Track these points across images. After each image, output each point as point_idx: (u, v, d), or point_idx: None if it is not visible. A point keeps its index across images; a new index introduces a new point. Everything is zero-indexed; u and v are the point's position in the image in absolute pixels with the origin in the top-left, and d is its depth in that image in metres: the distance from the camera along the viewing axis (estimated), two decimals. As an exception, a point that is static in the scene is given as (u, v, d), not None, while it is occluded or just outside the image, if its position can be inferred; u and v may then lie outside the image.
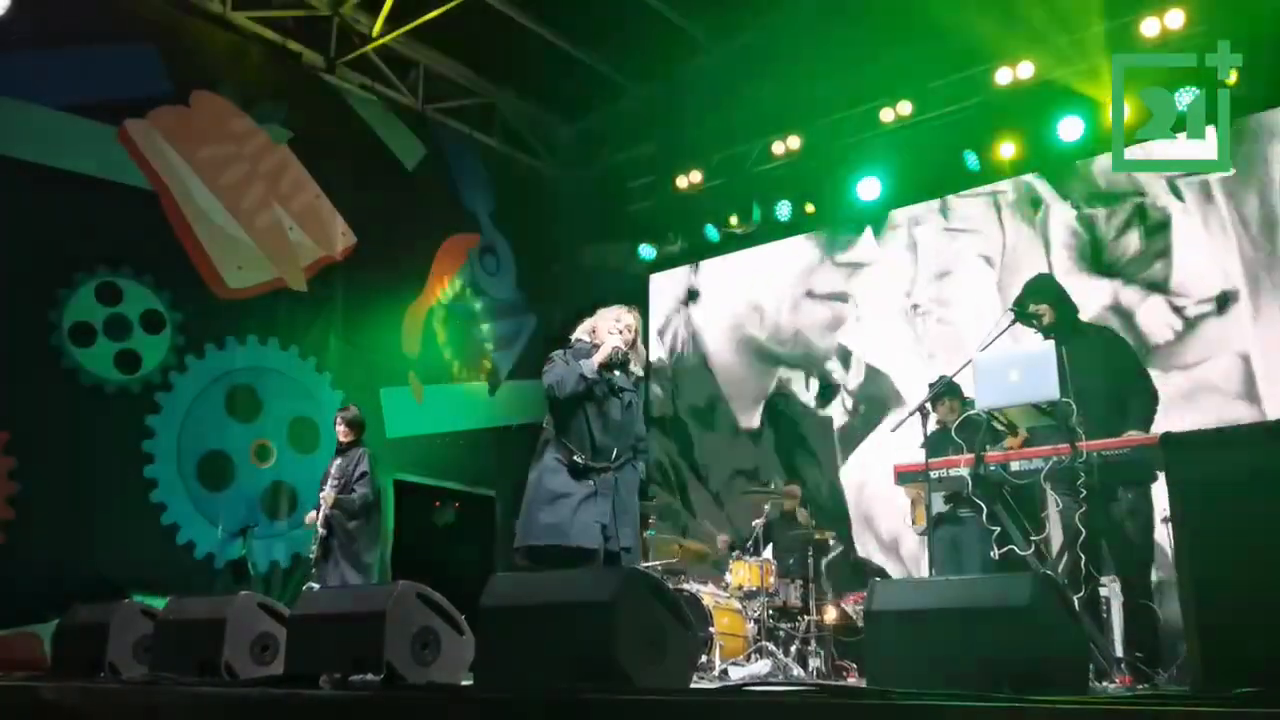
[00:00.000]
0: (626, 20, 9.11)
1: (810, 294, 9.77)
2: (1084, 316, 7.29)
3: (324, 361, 8.86)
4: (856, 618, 6.97)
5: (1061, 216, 8.34)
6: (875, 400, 9.10)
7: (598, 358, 4.50)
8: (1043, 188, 8.47)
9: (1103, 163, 8.07)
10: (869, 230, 9.44)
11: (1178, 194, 7.76)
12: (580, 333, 4.76)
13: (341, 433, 7.33)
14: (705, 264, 10.58)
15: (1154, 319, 7.72)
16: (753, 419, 9.95)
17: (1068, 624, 2.86)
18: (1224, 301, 7.45)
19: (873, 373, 9.18)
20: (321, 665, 3.39)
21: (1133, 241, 7.95)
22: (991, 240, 8.67)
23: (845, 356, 9.38)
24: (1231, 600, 2.24)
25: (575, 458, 4.44)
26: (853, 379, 9.32)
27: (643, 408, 4.82)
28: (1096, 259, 8.08)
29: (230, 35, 8.54)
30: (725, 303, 10.37)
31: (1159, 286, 7.75)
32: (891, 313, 9.17)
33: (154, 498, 7.65)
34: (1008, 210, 8.63)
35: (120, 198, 7.74)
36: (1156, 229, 7.84)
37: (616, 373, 4.58)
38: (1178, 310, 7.64)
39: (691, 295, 10.68)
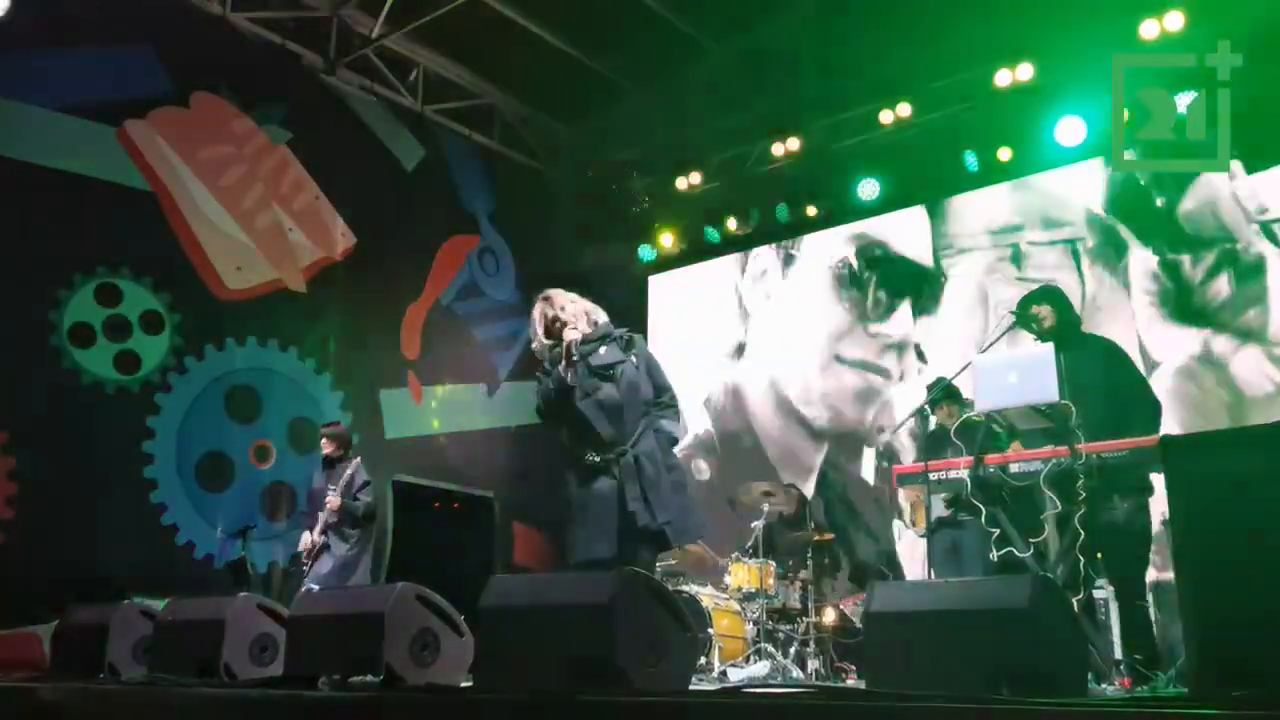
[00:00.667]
0: (626, 22, 9.12)
1: (861, 362, 9.38)
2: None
3: (323, 362, 8.86)
4: (855, 620, 6.98)
5: (1144, 263, 7.90)
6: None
7: (563, 365, 4.43)
8: (1124, 232, 8.04)
9: (1187, 206, 7.70)
10: (939, 280, 9.01)
11: (1273, 238, 7.34)
12: (539, 348, 4.65)
13: (329, 448, 7.33)
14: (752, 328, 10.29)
15: (1250, 370, 7.25)
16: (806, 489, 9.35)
17: (1066, 626, 2.86)
18: None
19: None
20: (321, 666, 3.40)
21: (1223, 288, 7.50)
22: (1070, 290, 7.83)
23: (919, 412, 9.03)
24: (1230, 603, 2.25)
25: (588, 458, 4.37)
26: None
27: (648, 360, 4.57)
28: (1183, 307, 7.64)
29: (230, 36, 8.53)
30: (770, 365, 10.02)
31: (1255, 335, 7.28)
32: (960, 364, 8.74)
33: (153, 498, 7.65)
34: (1087, 258, 8.15)
35: (120, 199, 7.74)
36: (1249, 274, 7.38)
37: (601, 350, 4.48)
38: (1278, 361, 7.18)
39: (739, 350, 10.35)
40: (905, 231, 9.32)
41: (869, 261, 9.55)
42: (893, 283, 9.36)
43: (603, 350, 4.49)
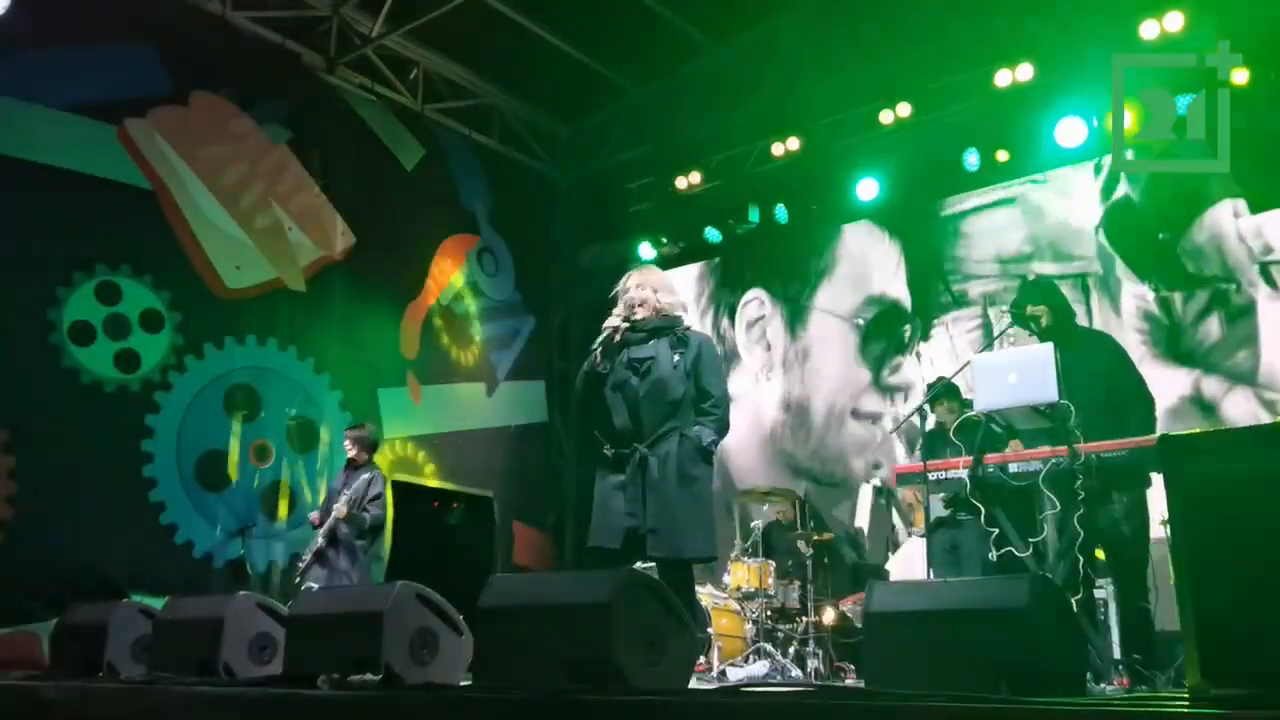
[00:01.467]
0: (625, 21, 9.11)
1: (875, 414, 9.26)
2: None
3: (323, 362, 8.86)
4: (854, 619, 6.98)
5: (1137, 301, 7.86)
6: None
7: (596, 348, 4.33)
8: (1120, 267, 7.99)
9: (1190, 242, 7.64)
10: (946, 316, 8.93)
11: (1270, 279, 7.32)
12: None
13: (352, 451, 7.29)
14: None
15: (1240, 412, 7.24)
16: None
17: (1065, 626, 2.86)
18: None
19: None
20: (320, 665, 3.40)
21: (1213, 329, 7.50)
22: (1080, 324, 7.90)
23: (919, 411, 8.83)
24: (1229, 603, 2.24)
25: (605, 450, 4.28)
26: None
27: (695, 361, 4.32)
28: (1174, 347, 7.61)
29: (230, 35, 8.52)
30: (771, 417, 9.91)
31: (1244, 378, 7.28)
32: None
33: (153, 497, 7.65)
34: (1096, 292, 8.07)
35: (119, 197, 7.73)
36: (1240, 316, 7.40)
37: (649, 343, 4.34)
38: (1268, 404, 7.16)
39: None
40: (913, 277, 9.24)
41: (882, 314, 9.38)
42: (901, 331, 9.21)
43: (650, 343, 4.35)
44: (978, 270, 8.81)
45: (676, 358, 4.30)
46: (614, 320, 4.36)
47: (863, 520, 9.02)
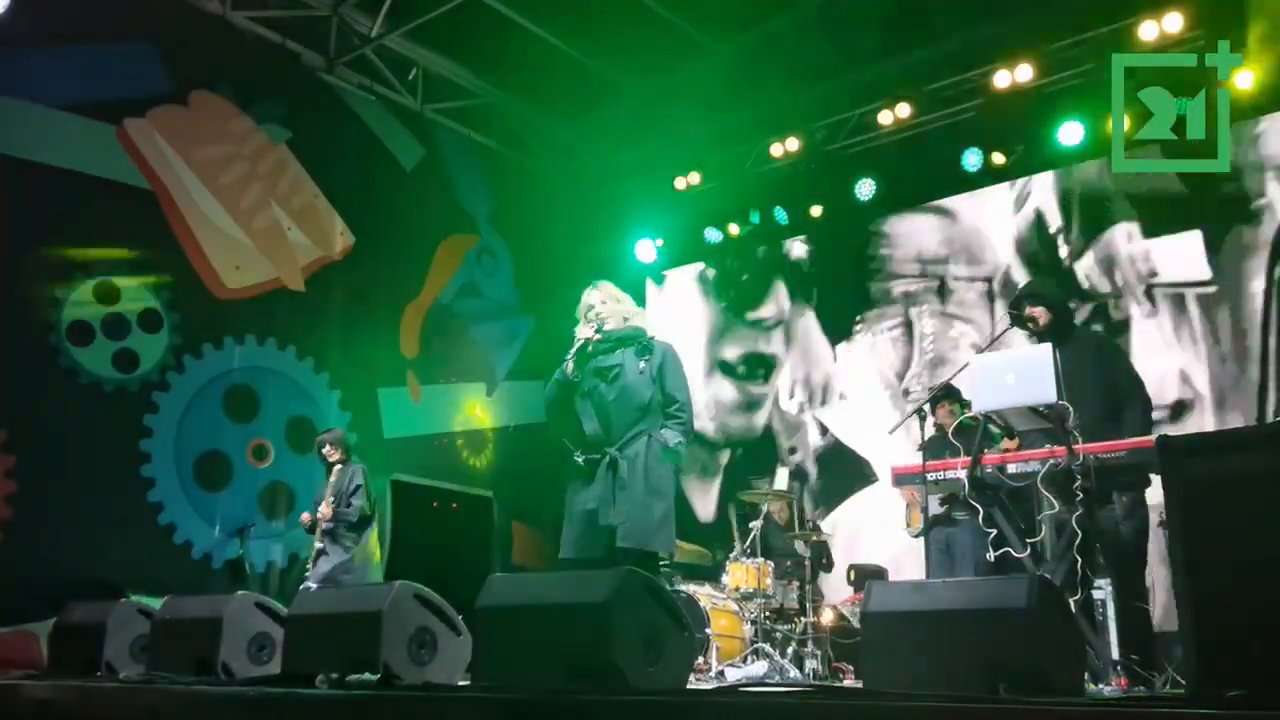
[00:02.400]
0: (625, 21, 9.10)
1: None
2: None
3: (322, 362, 8.85)
4: (853, 619, 6.98)
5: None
6: (841, 474, 9.21)
7: (568, 358, 4.51)
8: (1020, 276, 8.40)
9: (1088, 259, 8.10)
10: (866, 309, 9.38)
11: (1152, 299, 7.87)
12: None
13: (329, 454, 7.36)
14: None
15: None
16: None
17: (1063, 626, 2.86)
18: (1179, 411, 7.57)
19: (841, 449, 9.30)
20: (318, 665, 3.40)
21: None
22: (984, 329, 8.64)
23: (822, 430, 9.47)
24: (1227, 604, 2.25)
25: (575, 457, 4.43)
26: (823, 449, 9.41)
27: (660, 367, 4.53)
28: None
29: (229, 35, 8.52)
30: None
31: None
32: (879, 395, 9.18)
33: (151, 497, 7.64)
34: (1000, 301, 8.49)
35: (119, 197, 7.72)
36: (1115, 332, 7.82)
37: (616, 353, 4.52)
38: None
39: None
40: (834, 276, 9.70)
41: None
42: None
43: (617, 352, 4.53)
44: (900, 270, 9.25)
45: (643, 364, 4.51)
46: (586, 330, 4.55)
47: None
